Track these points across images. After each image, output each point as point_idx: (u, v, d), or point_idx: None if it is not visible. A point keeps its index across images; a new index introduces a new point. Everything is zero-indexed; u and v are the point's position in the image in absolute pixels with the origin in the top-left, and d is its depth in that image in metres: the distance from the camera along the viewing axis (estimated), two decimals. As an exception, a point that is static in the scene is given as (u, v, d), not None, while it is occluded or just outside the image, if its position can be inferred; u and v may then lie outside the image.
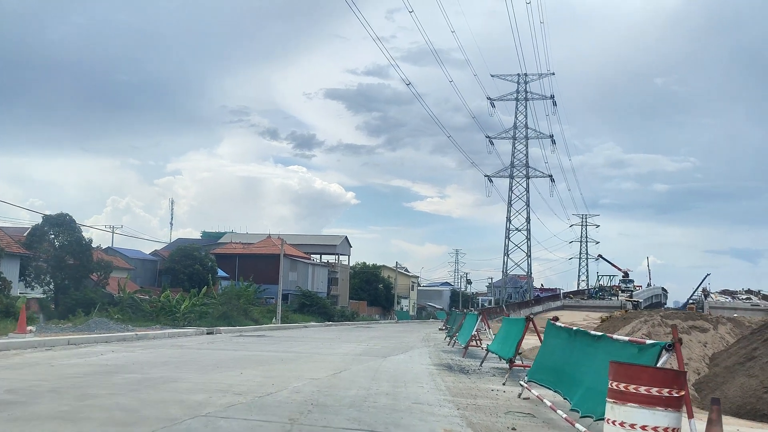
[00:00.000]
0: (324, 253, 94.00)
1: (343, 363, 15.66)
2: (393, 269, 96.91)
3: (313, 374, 12.84)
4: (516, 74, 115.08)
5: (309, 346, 22.11)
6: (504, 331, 15.29)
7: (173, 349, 18.59)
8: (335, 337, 29.41)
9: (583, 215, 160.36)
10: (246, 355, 17.34)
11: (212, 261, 61.73)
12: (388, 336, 32.61)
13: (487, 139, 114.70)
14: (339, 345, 23.53)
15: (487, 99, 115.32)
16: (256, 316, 42.76)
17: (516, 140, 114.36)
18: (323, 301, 67.79)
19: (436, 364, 16.58)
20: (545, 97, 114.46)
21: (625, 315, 68.45)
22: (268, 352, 18.75)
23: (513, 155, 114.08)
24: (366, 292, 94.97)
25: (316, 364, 15.25)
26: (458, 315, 29.31)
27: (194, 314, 33.36)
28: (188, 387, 10.35)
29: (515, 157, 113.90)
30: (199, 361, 15.12)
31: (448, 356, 19.36)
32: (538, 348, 18.92)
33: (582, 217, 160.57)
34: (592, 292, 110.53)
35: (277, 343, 23.36)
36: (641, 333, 14.11)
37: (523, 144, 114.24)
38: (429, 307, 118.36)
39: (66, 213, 38.80)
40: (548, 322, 10.91)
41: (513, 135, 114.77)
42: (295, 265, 77.04)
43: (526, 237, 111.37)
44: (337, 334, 32.98)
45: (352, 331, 38.85)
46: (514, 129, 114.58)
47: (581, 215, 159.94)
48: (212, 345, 21.20)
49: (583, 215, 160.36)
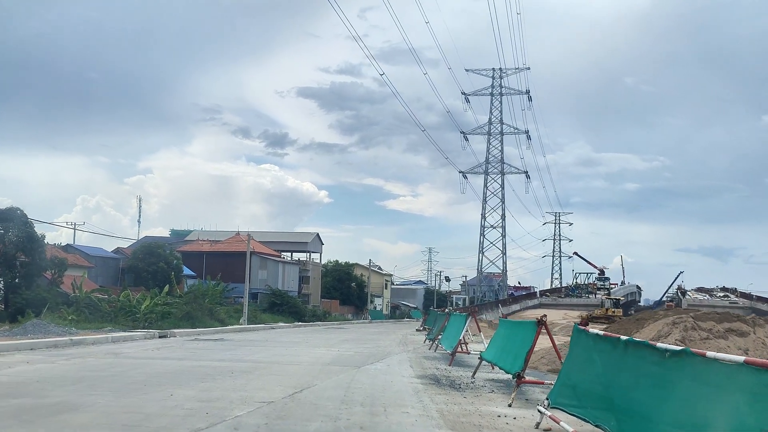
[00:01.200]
0: (295, 250, 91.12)
1: (308, 376, 12.81)
2: (366, 267, 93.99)
3: (267, 394, 10.01)
4: (491, 69, 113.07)
5: (271, 353, 19.22)
6: (503, 337, 12.54)
7: (106, 359, 15.60)
8: (303, 340, 26.53)
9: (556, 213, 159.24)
10: (191, 366, 14.42)
11: (177, 259, 59.10)
12: (362, 338, 29.78)
13: (462, 135, 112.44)
14: (306, 350, 20.66)
15: (462, 94, 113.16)
16: (222, 316, 40.53)
17: (491, 136, 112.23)
18: (294, 300, 65.53)
19: (420, 375, 13.80)
20: (520, 92, 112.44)
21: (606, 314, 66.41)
22: (220, 361, 15.83)
23: (488, 151, 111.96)
24: (338, 291, 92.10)
25: (273, 378, 12.38)
26: (439, 315, 26.50)
27: (155, 315, 31.18)
28: (84, 421, 7.45)
29: (490, 153, 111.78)
30: (126, 376, 12.17)
31: (432, 364, 16.59)
32: (542, 354, 16.32)
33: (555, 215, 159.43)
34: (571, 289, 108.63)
35: (235, 348, 20.44)
36: (673, 339, 11.54)
37: (498, 140, 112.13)
38: (403, 305, 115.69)
39: (17, 207, 35.38)
40: (575, 328, 8.20)
41: (488, 131, 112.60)
42: (264, 263, 74.20)
43: (501, 234, 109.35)
44: (306, 337, 30.09)
45: (322, 333, 35.94)
46: (489, 124, 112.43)
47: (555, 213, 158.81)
48: (157, 352, 18.22)
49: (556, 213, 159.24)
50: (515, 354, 10.68)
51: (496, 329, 13.92)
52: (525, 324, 11.09)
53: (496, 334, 13.53)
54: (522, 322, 11.77)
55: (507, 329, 12.59)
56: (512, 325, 12.32)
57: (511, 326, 12.32)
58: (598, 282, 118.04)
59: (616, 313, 66.52)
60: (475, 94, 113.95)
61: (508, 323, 12.96)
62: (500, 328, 13.44)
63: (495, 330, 29.39)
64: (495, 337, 13.48)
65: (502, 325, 13.44)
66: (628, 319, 16.62)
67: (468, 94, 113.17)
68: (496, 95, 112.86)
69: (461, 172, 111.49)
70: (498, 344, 12.76)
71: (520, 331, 11.10)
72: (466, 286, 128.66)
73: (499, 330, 13.54)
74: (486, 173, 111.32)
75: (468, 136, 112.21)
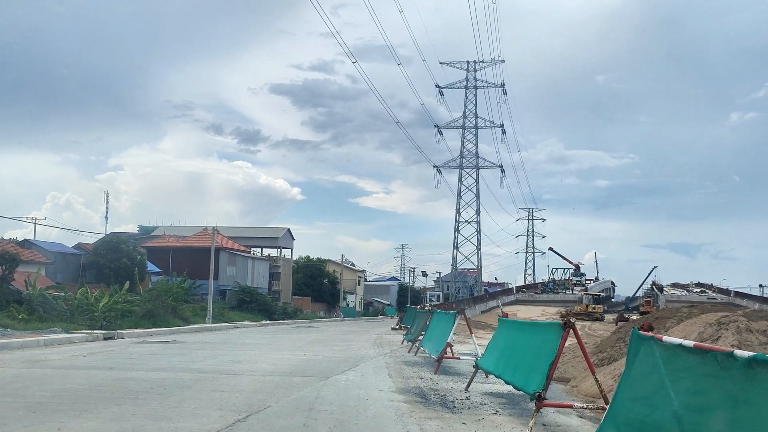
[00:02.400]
0: (266, 246, 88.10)
1: (261, 393, 10.13)
2: (339, 263, 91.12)
3: (197, 426, 7.33)
4: (465, 61, 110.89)
5: (226, 358, 16.47)
6: (507, 342, 9.93)
7: (16, 369, 12.75)
8: (267, 342, 23.77)
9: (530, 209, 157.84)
10: (117, 379, 11.64)
11: (141, 255, 56.78)
12: (333, 339, 27.08)
13: (436, 129, 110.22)
14: (268, 355, 17.93)
15: (436, 87, 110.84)
16: (187, 314, 38.33)
17: (465, 129, 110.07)
18: (264, 297, 62.96)
19: (402, 389, 11.16)
20: (495, 85, 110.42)
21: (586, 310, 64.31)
22: (158, 370, 13.06)
23: (462, 145, 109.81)
24: (310, 288, 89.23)
25: (216, 397, 9.68)
26: (419, 313, 23.80)
27: (114, 313, 29.22)
28: None
29: (464, 147, 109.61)
30: (22, 395, 9.37)
31: (414, 372, 13.96)
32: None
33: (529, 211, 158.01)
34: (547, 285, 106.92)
35: (185, 353, 17.65)
36: (727, 343, 9.12)
37: (472, 134, 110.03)
38: (376, 302, 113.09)
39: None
40: (636, 335, 5.65)
41: (462, 124, 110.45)
42: (233, 258, 71.35)
43: (476, 230, 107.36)
44: (271, 337, 27.33)
45: (290, 332, 33.15)
46: (463, 118, 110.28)
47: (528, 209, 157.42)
48: (88, 359, 15.39)
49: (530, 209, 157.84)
50: (530, 366, 8.10)
51: (495, 331, 11.30)
52: (542, 327, 8.49)
53: (496, 337, 10.93)
54: (536, 323, 9.18)
55: (512, 332, 9.99)
56: (520, 328, 9.71)
57: (519, 329, 9.71)
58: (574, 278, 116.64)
59: (596, 310, 64.42)
60: (450, 88, 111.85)
61: (514, 324, 10.35)
62: (501, 330, 10.84)
63: (475, 329, 26.27)
64: (494, 341, 10.88)
65: (503, 327, 10.82)
66: (642, 318, 14.25)
67: (442, 87, 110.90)
68: (471, 88, 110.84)
69: (435, 166, 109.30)
70: (499, 350, 10.17)
71: (534, 336, 8.50)
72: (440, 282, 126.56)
73: (499, 332, 10.93)
74: (460, 168, 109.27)
75: (442, 130, 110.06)
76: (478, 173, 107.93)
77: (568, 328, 7.39)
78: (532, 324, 9.42)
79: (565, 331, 7.41)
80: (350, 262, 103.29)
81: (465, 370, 14.51)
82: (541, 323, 8.61)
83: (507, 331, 10.32)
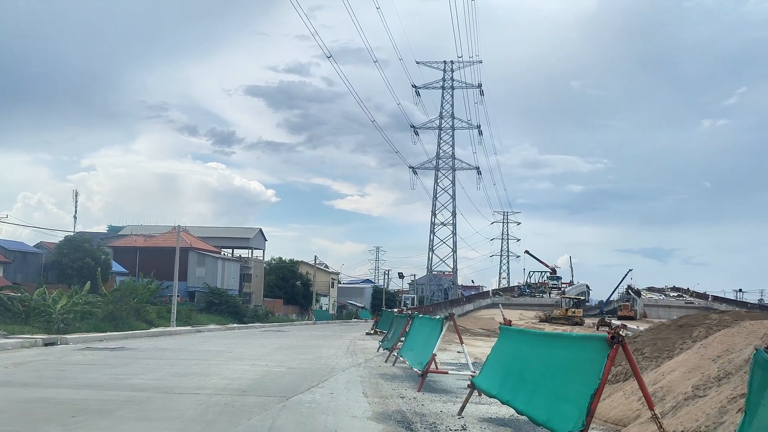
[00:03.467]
0: (237, 247, 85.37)
1: (200, 423, 7.85)
2: (312, 265, 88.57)
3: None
4: (442, 61, 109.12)
5: (171, 370, 14.13)
6: (516, 358, 7.77)
7: None
8: (228, 349, 21.34)
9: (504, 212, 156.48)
10: (23, 401, 9.29)
11: (106, 254, 54.58)
12: (302, 345, 24.73)
13: (412, 129, 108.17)
14: (224, 365, 15.61)
15: (412, 87, 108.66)
16: (151, 317, 36.39)
17: (442, 130, 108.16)
18: (234, 299, 60.70)
19: (381, 414, 8.94)
20: (472, 85, 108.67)
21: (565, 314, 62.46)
22: (83, 388, 10.71)
23: (438, 146, 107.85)
24: (282, 290, 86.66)
25: (136, 429, 7.42)
26: (397, 317, 21.50)
27: (73, 315, 27.48)
28: None
29: (441, 148, 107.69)
30: None
31: (394, 389, 11.73)
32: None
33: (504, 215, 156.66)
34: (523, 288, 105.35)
35: (128, 363, 15.28)
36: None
37: (449, 135, 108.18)
38: (350, 305, 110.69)
39: None
40: (760, 358, 3.55)
41: (439, 125, 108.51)
42: (203, 259, 68.77)
43: (452, 232, 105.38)
44: (235, 343, 24.94)
45: (256, 337, 30.70)
46: (440, 119, 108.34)
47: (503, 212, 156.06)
48: (8, 371, 12.95)
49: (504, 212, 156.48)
50: (556, 393, 5.96)
51: (497, 342, 9.13)
52: (573, 341, 6.34)
53: (499, 350, 8.76)
54: (561, 335, 7.03)
55: (524, 345, 7.82)
56: (537, 341, 7.53)
57: (536, 341, 7.52)
58: (551, 281, 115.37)
59: (576, 314, 62.56)
60: (426, 88, 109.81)
61: (525, 335, 8.18)
62: (506, 342, 8.66)
63: (454, 335, 23.97)
64: (497, 355, 8.71)
65: (508, 337, 8.67)
66: (660, 325, 12.20)
67: (419, 87, 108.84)
68: (448, 88, 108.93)
69: (411, 167, 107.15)
70: (504, 367, 8.02)
71: (561, 353, 6.34)
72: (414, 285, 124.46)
73: (502, 344, 8.76)
74: (436, 169, 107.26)
75: (418, 131, 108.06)
76: (454, 175, 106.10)
77: (618, 344, 5.26)
78: (556, 336, 7.25)
79: (612, 348, 5.28)
80: (324, 264, 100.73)
81: (453, 385, 12.37)
82: (571, 335, 6.46)
83: (515, 344, 8.13)
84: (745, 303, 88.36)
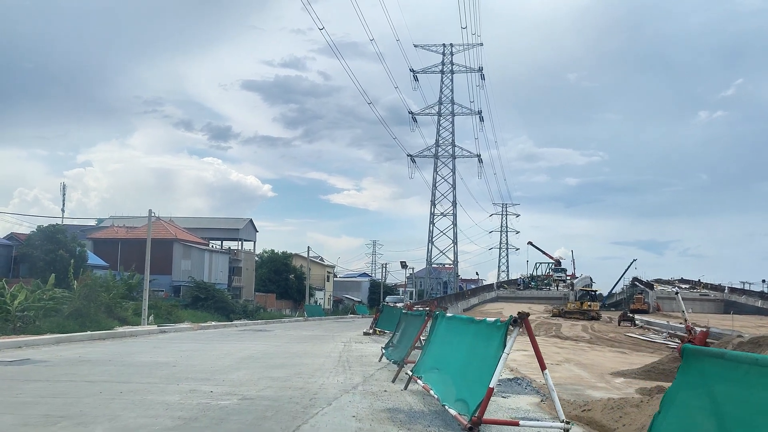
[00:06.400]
0: (226, 238, 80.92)
1: None
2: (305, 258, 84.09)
3: None
4: (441, 44, 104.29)
5: (39, 410, 9.47)
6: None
7: None
8: (177, 360, 15.99)
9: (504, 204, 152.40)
10: None
11: (81, 246, 50.73)
12: (280, 353, 19.16)
13: (410, 116, 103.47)
14: (139, 396, 10.38)
15: (410, 71, 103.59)
16: (125, 314, 32.94)
17: (441, 117, 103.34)
18: (222, 294, 56.69)
19: None
20: (473, 69, 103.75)
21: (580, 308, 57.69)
22: None
23: (438, 133, 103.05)
24: (275, 284, 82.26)
25: None
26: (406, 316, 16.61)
27: (34, 312, 24.95)
28: None
29: (440, 135, 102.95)
30: None
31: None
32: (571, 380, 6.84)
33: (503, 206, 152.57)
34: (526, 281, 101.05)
35: (53, 383, 10.63)
36: None
37: (448, 121, 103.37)
38: (347, 299, 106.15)
39: None
40: None
41: (438, 111, 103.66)
42: (188, 251, 64.43)
43: (452, 222, 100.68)
44: (194, 349, 19.63)
45: (228, 340, 25.21)
46: (439, 104, 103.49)
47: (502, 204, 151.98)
48: None
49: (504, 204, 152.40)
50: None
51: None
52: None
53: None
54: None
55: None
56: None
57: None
58: (555, 273, 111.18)
59: (593, 308, 57.68)
60: (425, 72, 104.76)
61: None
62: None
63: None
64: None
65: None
66: (730, 339, 8.14)
67: (417, 72, 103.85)
68: (447, 73, 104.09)
69: (410, 155, 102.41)
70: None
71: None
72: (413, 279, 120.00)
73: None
74: (436, 156, 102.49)
75: (417, 117, 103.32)
76: (454, 163, 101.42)
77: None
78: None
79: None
80: (319, 257, 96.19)
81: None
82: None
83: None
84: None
